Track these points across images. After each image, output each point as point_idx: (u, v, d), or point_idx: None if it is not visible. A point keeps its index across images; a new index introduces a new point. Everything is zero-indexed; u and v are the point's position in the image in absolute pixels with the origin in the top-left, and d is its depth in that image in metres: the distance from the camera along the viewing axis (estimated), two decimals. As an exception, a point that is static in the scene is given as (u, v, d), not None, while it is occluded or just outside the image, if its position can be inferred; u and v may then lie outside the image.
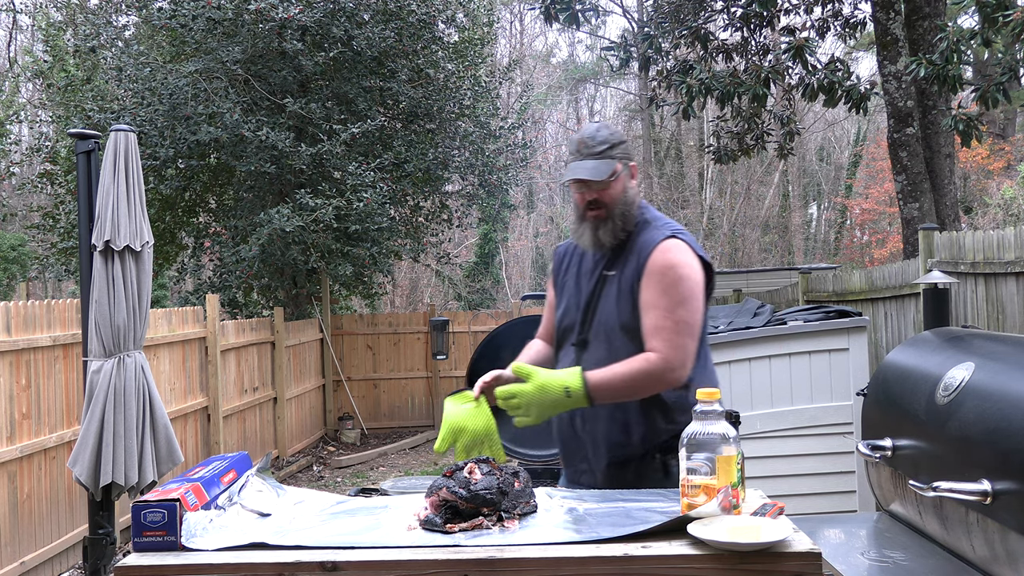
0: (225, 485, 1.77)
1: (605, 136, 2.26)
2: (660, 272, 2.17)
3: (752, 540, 1.43)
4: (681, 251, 2.20)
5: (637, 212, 2.28)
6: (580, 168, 2.23)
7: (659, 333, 2.13)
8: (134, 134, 3.97)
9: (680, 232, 2.26)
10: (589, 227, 2.27)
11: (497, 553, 1.46)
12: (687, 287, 2.17)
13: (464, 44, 9.98)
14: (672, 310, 2.14)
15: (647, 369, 2.10)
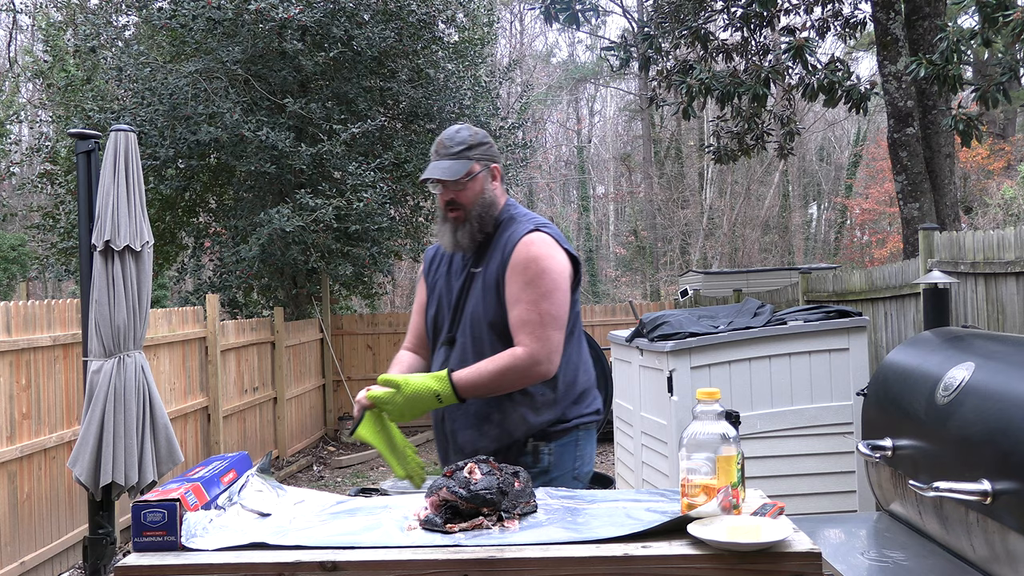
0: (225, 485, 1.78)
1: (464, 137, 2.27)
2: (523, 266, 2.18)
3: (752, 540, 1.43)
4: (544, 244, 2.21)
5: (498, 212, 2.30)
6: (434, 168, 2.24)
7: (525, 327, 2.14)
8: (134, 134, 3.98)
9: (545, 226, 2.26)
10: (448, 228, 2.29)
11: (497, 553, 1.46)
12: (551, 280, 2.17)
13: (464, 44, 9.98)
14: (536, 303, 2.15)
15: (513, 364, 2.12)
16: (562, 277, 2.20)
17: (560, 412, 2.25)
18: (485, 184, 2.28)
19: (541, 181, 24.37)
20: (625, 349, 4.75)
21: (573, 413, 2.27)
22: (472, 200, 2.25)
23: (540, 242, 2.21)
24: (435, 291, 2.39)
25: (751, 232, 22.45)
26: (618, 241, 25.48)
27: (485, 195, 2.27)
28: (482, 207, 2.26)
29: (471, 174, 2.24)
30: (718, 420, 1.57)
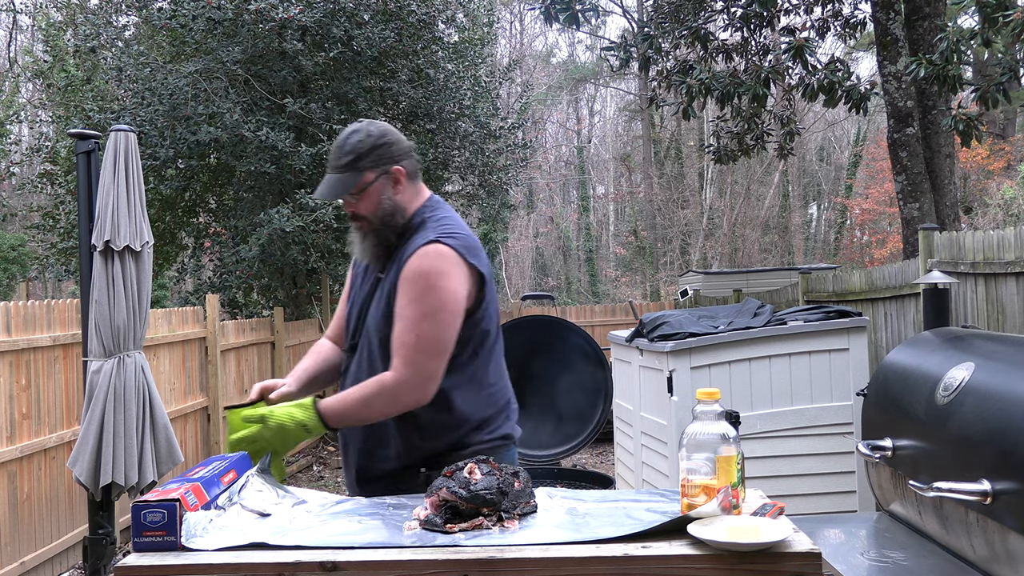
0: (225, 485, 1.78)
1: (353, 145, 2.09)
2: (411, 280, 2.00)
3: (752, 540, 1.43)
4: (440, 258, 2.01)
5: (408, 218, 2.13)
6: (323, 185, 2.11)
7: (399, 350, 1.99)
8: (134, 134, 3.98)
9: (449, 236, 2.06)
10: (357, 238, 2.15)
11: (497, 553, 1.46)
12: (437, 298, 1.99)
13: (464, 44, 9.98)
14: (416, 323, 1.98)
15: (380, 390, 1.99)
16: (453, 296, 2.01)
17: (454, 440, 2.07)
18: (383, 193, 2.10)
19: (541, 181, 24.37)
20: (625, 349, 4.75)
21: (471, 440, 2.08)
22: (371, 210, 2.10)
23: (435, 255, 2.02)
24: (353, 289, 2.26)
25: (751, 232, 22.46)
26: (618, 241, 25.48)
27: (384, 204, 2.10)
28: (382, 217, 2.10)
29: (363, 186, 2.07)
30: (718, 420, 1.57)
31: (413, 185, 2.16)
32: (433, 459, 2.05)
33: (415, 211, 2.14)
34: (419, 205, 2.16)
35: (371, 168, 2.08)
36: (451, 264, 2.02)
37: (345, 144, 2.10)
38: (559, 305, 12.67)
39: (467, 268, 2.04)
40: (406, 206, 2.14)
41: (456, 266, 2.02)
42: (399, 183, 2.13)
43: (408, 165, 2.15)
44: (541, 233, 23.91)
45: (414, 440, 2.07)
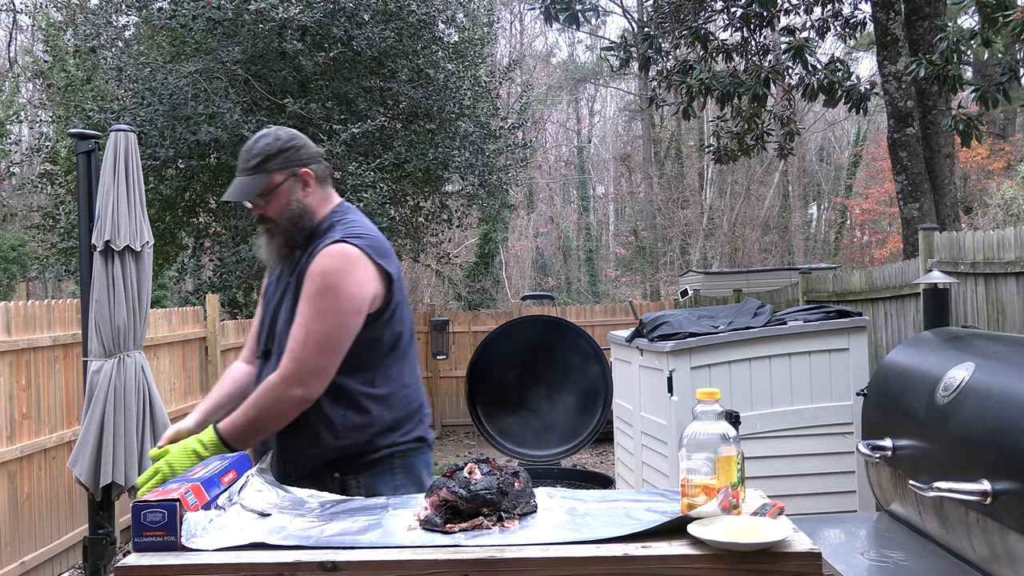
0: (225, 485, 1.78)
1: (262, 148, 2.12)
2: (311, 278, 2.03)
3: (752, 540, 1.43)
4: (343, 257, 2.03)
5: (318, 221, 2.15)
6: (232, 187, 2.14)
7: (288, 345, 2.01)
8: (134, 134, 3.98)
9: (356, 237, 2.07)
10: (265, 240, 2.18)
11: (497, 553, 1.46)
12: (334, 298, 2.00)
13: (464, 44, 9.98)
14: (310, 321, 1.99)
15: (267, 394, 2.00)
16: (352, 297, 2.01)
17: (367, 439, 2.08)
18: (292, 194, 2.13)
19: (541, 181, 24.37)
20: (625, 349, 4.75)
21: (385, 441, 2.10)
22: (279, 213, 2.12)
23: (339, 255, 2.03)
24: (266, 296, 2.27)
25: (751, 232, 22.46)
26: (618, 241, 25.48)
27: (292, 206, 2.12)
28: (291, 219, 2.12)
29: (271, 187, 2.11)
30: (718, 420, 1.57)
31: (323, 189, 2.19)
32: (346, 460, 2.08)
33: (324, 216, 2.17)
34: (328, 210, 2.19)
35: (279, 170, 2.11)
36: (355, 264, 2.03)
37: (253, 148, 2.13)
38: (559, 305, 12.67)
39: (374, 268, 2.06)
40: (315, 209, 2.16)
41: (361, 266, 2.04)
42: (308, 185, 2.15)
43: (317, 169, 2.18)
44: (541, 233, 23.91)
45: (326, 438, 2.07)
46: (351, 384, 2.07)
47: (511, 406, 5.54)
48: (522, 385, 5.51)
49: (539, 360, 5.50)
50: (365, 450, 2.09)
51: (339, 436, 2.07)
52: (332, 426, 2.07)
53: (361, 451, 2.09)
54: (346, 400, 2.07)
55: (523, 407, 5.51)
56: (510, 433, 5.56)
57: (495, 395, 5.58)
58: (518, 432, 5.54)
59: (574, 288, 21.91)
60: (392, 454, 2.12)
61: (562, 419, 5.49)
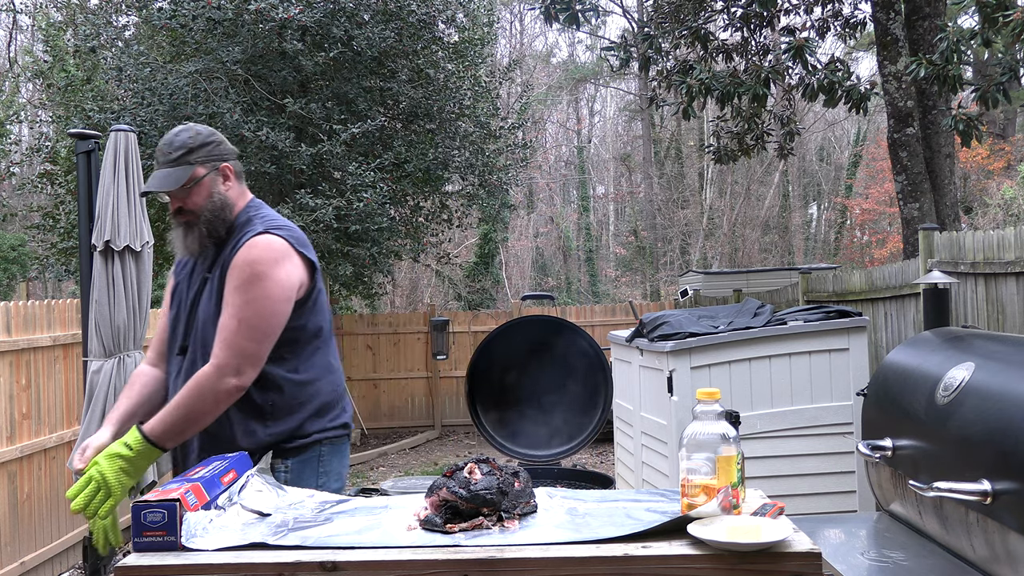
0: (225, 485, 1.78)
1: (184, 140, 2.16)
2: (239, 268, 2.07)
3: (752, 540, 1.43)
4: (270, 247, 2.09)
5: (235, 215, 2.21)
6: (152, 179, 2.16)
7: (220, 334, 2.03)
8: (134, 134, 3.98)
9: (278, 228, 2.15)
10: (179, 233, 2.20)
11: (497, 553, 1.46)
12: (263, 287, 2.05)
13: (464, 44, 9.98)
14: (240, 309, 2.03)
15: (199, 385, 2.01)
16: (281, 285, 2.07)
17: (296, 424, 2.14)
18: (213, 187, 2.18)
19: (541, 181, 24.37)
20: (625, 349, 4.75)
21: (314, 427, 2.16)
22: (200, 205, 2.16)
23: (264, 245, 2.09)
24: (176, 293, 2.28)
25: (751, 232, 22.46)
26: (618, 241, 25.48)
27: (214, 198, 2.17)
28: (212, 211, 2.17)
29: (194, 179, 2.15)
30: (718, 420, 1.57)
31: (240, 185, 2.26)
32: (275, 447, 2.12)
33: (241, 209, 2.23)
34: (244, 204, 2.25)
35: (202, 163, 2.17)
36: (281, 253, 2.10)
37: (175, 141, 2.17)
38: (559, 305, 12.67)
39: (299, 257, 2.14)
40: (234, 202, 2.22)
41: (286, 255, 2.11)
42: (228, 179, 2.22)
43: (235, 165, 2.25)
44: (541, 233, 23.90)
45: (256, 428, 2.11)
46: (278, 372, 2.12)
47: (511, 406, 5.53)
48: (522, 385, 5.51)
49: (539, 360, 5.49)
50: (296, 435, 2.14)
51: (270, 424, 2.11)
52: (263, 414, 2.11)
53: (292, 436, 2.14)
54: (275, 388, 2.12)
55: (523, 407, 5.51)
56: (510, 433, 5.55)
57: (495, 395, 5.58)
58: (518, 432, 5.53)
59: (574, 288, 21.91)
60: (320, 440, 2.19)
61: (562, 419, 5.49)
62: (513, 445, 5.56)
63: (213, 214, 2.17)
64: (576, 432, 5.51)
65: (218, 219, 2.18)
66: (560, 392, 5.52)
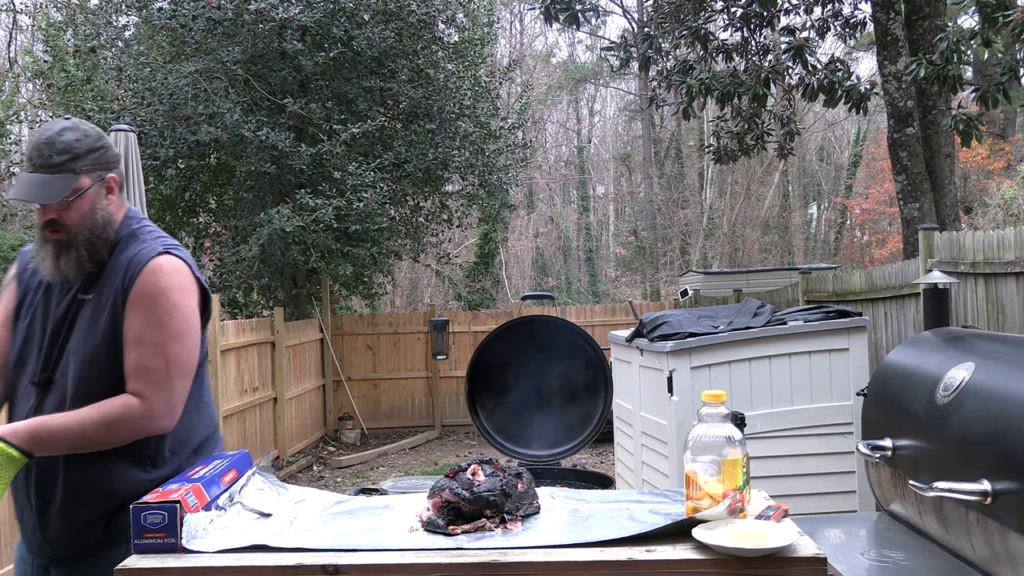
0: (226, 485, 1.77)
1: (68, 143, 1.84)
2: (150, 298, 1.81)
3: (758, 545, 1.43)
4: (176, 273, 1.86)
5: (115, 231, 1.91)
6: (27, 185, 1.80)
7: (147, 374, 1.78)
8: (134, 134, 3.98)
9: (175, 248, 1.91)
10: (49, 252, 1.85)
11: (500, 557, 1.46)
12: (182, 318, 1.83)
13: (464, 44, 9.98)
14: (164, 346, 1.79)
15: (126, 415, 1.76)
16: (194, 314, 1.88)
17: (178, 467, 1.89)
18: (97, 201, 1.87)
19: (541, 181, 24.37)
20: (625, 349, 4.75)
21: (196, 462, 1.91)
22: (79, 222, 1.84)
23: (171, 270, 1.85)
24: (27, 311, 1.92)
25: (751, 232, 22.45)
26: (618, 241, 25.47)
27: (97, 215, 1.86)
28: (93, 229, 1.86)
29: (78, 191, 1.83)
30: (724, 423, 1.56)
31: (120, 196, 1.97)
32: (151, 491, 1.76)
33: (120, 223, 1.94)
34: (123, 217, 1.96)
35: (88, 172, 1.86)
36: (186, 279, 1.88)
37: (57, 141, 1.83)
38: (559, 305, 12.67)
39: (195, 283, 1.92)
40: (115, 218, 1.93)
41: (190, 280, 1.89)
42: (112, 192, 1.93)
43: (120, 173, 1.98)
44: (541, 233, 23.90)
45: (137, 473, 1.83)
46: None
47: (511, 406, 5.53)
48: (522, 385, 5.51)
49: (539, 360, 5.49)
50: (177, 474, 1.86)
51: (151, 470, 1.86)
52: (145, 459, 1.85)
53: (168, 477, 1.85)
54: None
55: (523, 407, 5.51)
56: (510, 433, 5.56)
57: (495, 395, 5.58)
58: (518, 432, 5.54)
59: (574, 288, 21.91)
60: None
61: (562, 419, 5.49)
62: (513, 445, 5.56)
63: (94, 233, 1.86)
64: (576, 432, 5.51)
65: (100, 239, 1.87)
66: (560, 392, 5.52)
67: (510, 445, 5.57)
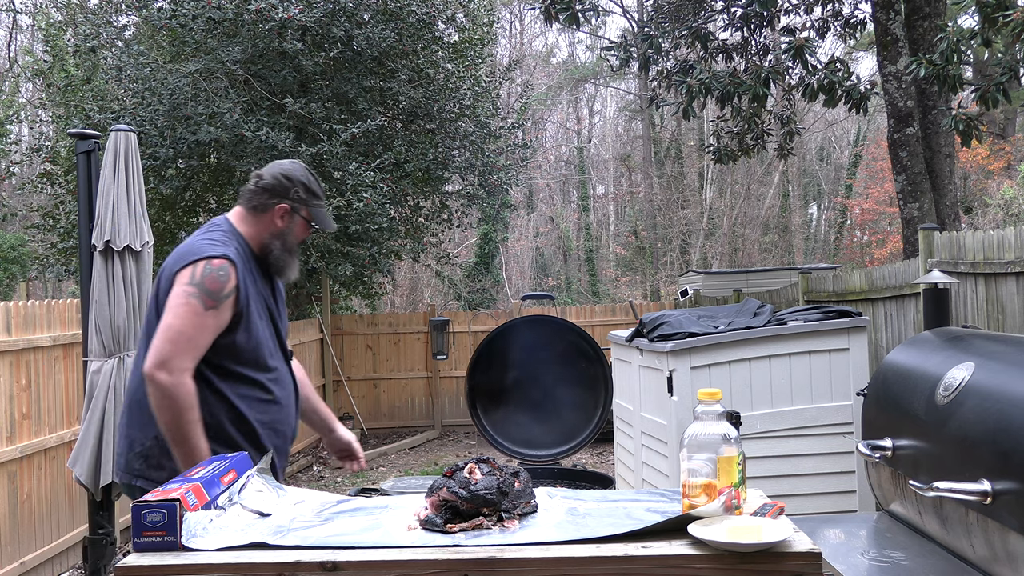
0: (225, 485, 1.78)
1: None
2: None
3: (753, 540, 1.43)
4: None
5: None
6: (329, 218, 2.55)
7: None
8: (134, 134, 3.97)
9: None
10: (296, 263, 2.53)
11: (497, 553, 1.46)
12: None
13: (464, 44, 9.98)
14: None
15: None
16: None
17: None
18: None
19: (541, 181, 24.37)
20: (625, 349, 4.75)
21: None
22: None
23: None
24: (259, 304, 2.45)
25: (751, 232, 22.45)
26: (618, 241, 25.47)
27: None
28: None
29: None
30: (719, 421, 1.57)
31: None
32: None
33: None
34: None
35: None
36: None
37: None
38: (559, 305, 12.67)
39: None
40: None
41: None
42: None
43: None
44: (541, 233, 23.90)
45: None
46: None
47: (511, 406, 5.53)
48: (522, 385, 5.50)
49: (539, 360, 5.49)
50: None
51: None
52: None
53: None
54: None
55: (523, 407, 5.51)
56: (510, 433, 5.55)
57: (495, 395, 5.58)
58: (518, 432, 5.53)
59: (574, 288, 21.91)
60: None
61: (562, 419, 5.49)
62: (513, 445, 5.56)
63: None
64: (576, 432, 5.51)
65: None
66: (560, 392, 5.52)
67: (510, 445, 5.57)
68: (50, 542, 4.76)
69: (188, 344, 2.16)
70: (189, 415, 2.15)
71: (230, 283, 2.25)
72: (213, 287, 2.22)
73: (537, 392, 5.51)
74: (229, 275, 2.25)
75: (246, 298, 2.30)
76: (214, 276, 2.22)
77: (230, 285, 2.25)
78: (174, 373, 2.13)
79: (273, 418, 2.38)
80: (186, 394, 2.15)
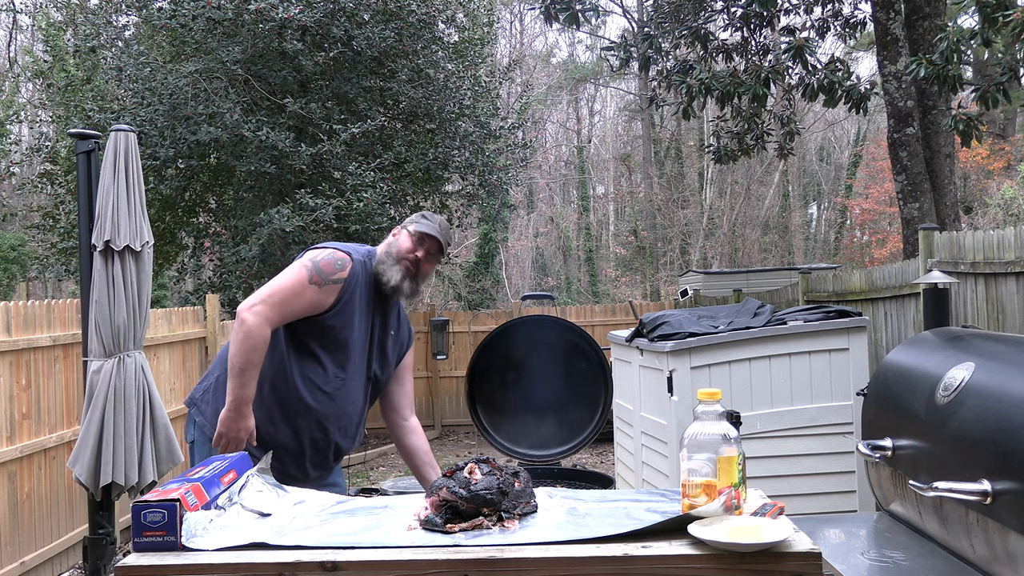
0: (225, 485, 1.78)
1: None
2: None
3: (753, 540, 1.43)
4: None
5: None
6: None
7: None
8: (134, 134, 3.97)
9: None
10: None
11: (497, 553, 1.46)
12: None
13: (464, 44, 9.97)
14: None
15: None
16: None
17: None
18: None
19: (541, 181, 24.37)
20: (625, 349, 4.75)
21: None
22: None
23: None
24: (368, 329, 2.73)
25: (751, 232, 22.46)
26: (618, 241, 25.47)
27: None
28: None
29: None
30: (719, 420, 1.57)
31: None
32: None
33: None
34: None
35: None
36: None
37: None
38: (559, 305, 12.67)
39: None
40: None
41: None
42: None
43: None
44: (541, 233, 23.90)
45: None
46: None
47: (511, 406, 5.53)
48: (522, 385, 5.51)
49: (539, 360, 5.49)
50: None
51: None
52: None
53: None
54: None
55: (523, 407, 5.51)
56: (510, 433, 5.56)
57: (495, 395, 5.58)
58: (518, 432, 5.54)
59: (574, 288, 21.91)
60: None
61: (562, 419, 5.49)
62: (513, 445, 5.56)
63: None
64: (576, 432, 5.52)
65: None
66: (560, 392, 5.52)
67: (510, 445, 5.57)
68: (50, 542, 4.76)
69: (280, 301, 2.39)
70: (254, 356, 2.35)
71: (342, 272, 2.49)
72: (326, 268, 2.47)
73: (537, 392, 5.51)
74: (345, 266, 2.50)
75: (351, 294, 2.50)
76: (331, 260, 2.48)
77: (341, 274, 2.49)
78: (258, 317, 2.36)
79: (320, 409, 2.51)
80: (259, 337, 2.35)
